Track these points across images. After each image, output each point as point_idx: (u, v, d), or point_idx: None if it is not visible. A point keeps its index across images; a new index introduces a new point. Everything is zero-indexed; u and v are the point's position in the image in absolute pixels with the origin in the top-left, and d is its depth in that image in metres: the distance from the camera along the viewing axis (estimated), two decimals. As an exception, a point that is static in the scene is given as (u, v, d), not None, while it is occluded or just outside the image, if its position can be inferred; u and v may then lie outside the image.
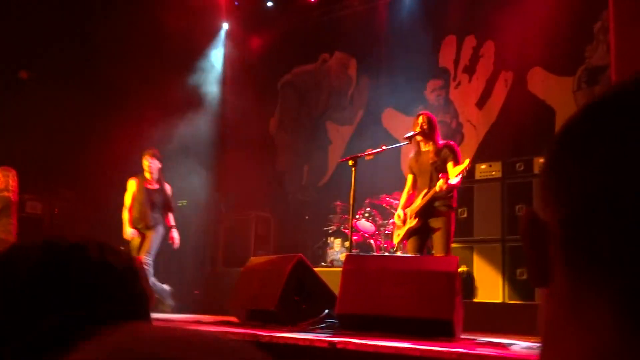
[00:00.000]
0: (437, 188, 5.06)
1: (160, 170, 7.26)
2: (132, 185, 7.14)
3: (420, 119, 5.38)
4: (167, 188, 7.33)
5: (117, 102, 8.99)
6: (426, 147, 5.38)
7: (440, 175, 5.10)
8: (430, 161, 5.30)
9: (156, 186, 7.17)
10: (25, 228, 7.28)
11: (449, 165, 5.19)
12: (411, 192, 5.54)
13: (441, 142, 5.39)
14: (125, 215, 7.06)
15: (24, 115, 8.18)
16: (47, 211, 8.26)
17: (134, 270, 0.81)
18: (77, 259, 0.76)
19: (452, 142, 5.50)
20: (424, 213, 5.25)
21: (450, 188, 5.14)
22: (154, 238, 7.05)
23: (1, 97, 7.97)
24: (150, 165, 7.10)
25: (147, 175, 7.12)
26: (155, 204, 7.11)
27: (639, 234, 0.45)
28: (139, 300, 0.80)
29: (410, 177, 5.56)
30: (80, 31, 9.16)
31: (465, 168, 5.02)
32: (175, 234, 7.23)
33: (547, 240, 0.53)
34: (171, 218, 7.32)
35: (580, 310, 0.49)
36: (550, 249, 0.53)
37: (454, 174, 5.02)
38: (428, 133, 5.34)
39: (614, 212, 0.47)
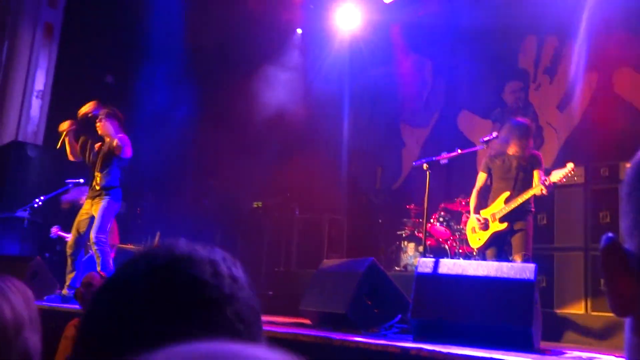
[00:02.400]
0: (537, 191, 5.01)
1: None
2: None
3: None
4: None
5: (203, 105, 9.26)
6: (513, 151, 5.30)
7: (540, 179, 5.04)
8: (518, 167, 5.22)
9: None
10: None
11: (536, 173, 5.15)
12: (480, 192, 5.45)
13: (530, 150, 5.37)
14: None
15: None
16: (130, 209, 8.60)
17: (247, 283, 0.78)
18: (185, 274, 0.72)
19: (538, 152, 5.48)
20: (510, 216, 5.17)
21: (548, 191, 5.08)
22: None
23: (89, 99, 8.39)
24: None
25: None
26: None
27: None
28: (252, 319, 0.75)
29: (483, 176, 5.44)
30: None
31: (569, 172, 4.95)
32: None
33: (628, 270, 0.51)
34: None
35: None
36: (631, 279, 0.51)
37: (557, 177, 4.96)
38: (518, 141, 5.28)
39: None
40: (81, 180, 7.32)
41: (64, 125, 6.11)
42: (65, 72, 8.77)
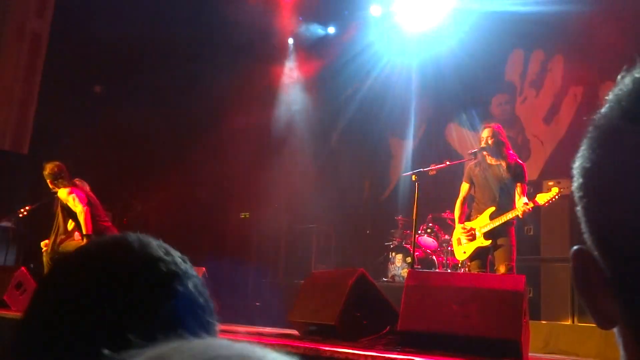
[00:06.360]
0: (519, 213, 4.94)
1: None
2: None
3: (485, 133, 5.22)
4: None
5: (189, 116, 9.25)
6: (493, 161, 5.21)
7: (522, 202, 4.96)
8: (499, 177, 5.14)
9: None
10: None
11: (518, 187, 5.06)
12: (464, 202, 5.39)
13: (512, 158, 5.19)
14: None
15: (103, 131, 8.51)
16: (116, 220, 8.54)
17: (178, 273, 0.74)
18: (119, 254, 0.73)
19: (522, 162, 5.30)
20: (493, 232, 5.13)
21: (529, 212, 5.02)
22: None
23: (79, 113, 8.32)
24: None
25: None
26: None
27: None
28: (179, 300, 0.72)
29: (466, 186, 5.37)
30: (156, 51, 9.48)
31: (554, 197, 4.91)
32: None
33: (603, 279, 0.49)
34: None
35: None
36: (606, 287, 0.49)
37: (543, 200, 4.92)
38: (493, 148, 5.17)
39: None
40: None
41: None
42: (52, 82, 8.71)
